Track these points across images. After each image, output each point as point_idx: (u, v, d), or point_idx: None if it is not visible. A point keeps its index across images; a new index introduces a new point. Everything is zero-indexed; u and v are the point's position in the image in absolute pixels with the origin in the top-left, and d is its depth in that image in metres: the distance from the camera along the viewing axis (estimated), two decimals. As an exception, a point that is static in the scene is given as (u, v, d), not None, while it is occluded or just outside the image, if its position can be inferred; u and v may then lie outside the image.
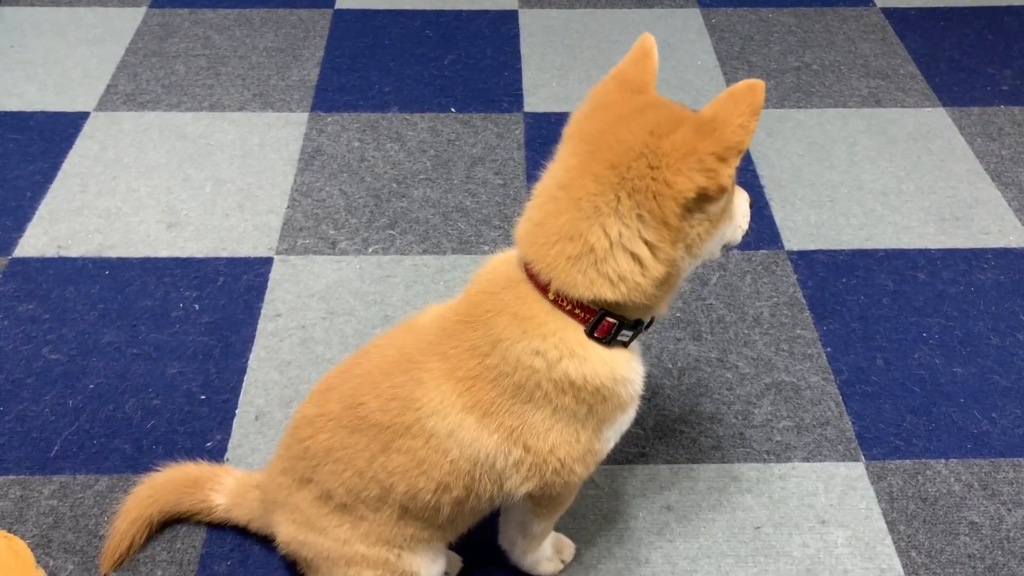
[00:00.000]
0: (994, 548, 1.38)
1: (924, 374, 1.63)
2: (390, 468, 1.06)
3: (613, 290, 0.94)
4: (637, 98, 0.96)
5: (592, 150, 0.94)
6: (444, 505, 1.08)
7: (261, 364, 1.61)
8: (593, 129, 0.95)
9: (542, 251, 0.96)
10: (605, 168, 0.92)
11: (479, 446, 1.02)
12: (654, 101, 0.96)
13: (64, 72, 2.30)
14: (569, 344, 0.98)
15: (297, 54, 2.39)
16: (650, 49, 1.00)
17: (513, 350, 0.99)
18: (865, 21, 2.58)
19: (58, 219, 1.90)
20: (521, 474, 1.05)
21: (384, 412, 1.05)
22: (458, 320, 1.04)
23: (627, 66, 1.00)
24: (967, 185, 2.04)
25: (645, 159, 0.90)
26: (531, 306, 0.99)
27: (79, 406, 1.54)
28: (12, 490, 1.42)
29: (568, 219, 0.94)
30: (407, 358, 1.06)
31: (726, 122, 0.88)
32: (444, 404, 1.02)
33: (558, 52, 2.43)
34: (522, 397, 1.00)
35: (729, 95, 0.89)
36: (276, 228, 1.89)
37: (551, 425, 1.01)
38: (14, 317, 1.69)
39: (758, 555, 1.36)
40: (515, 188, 1.99)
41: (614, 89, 0.98)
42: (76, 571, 1.33)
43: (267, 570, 1.33)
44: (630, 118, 0.93)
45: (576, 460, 1.05)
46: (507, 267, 1.03)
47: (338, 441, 1.09)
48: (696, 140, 0.89)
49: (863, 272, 1.82)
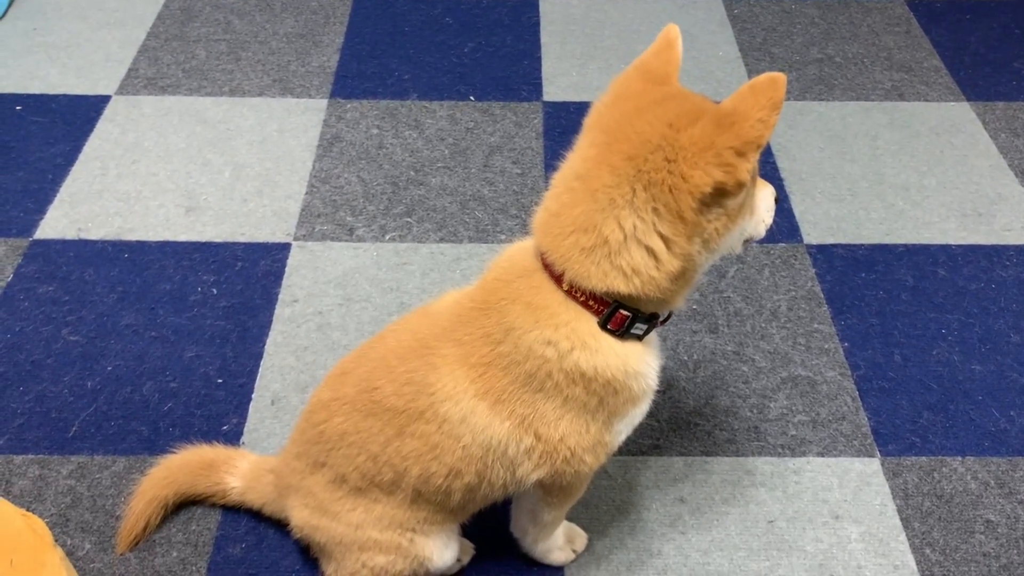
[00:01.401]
0: (1009, 547, 1.37)
1: (942, 371, 1.62)
2: (404, 453, 1.07)
3: (627, 283, 0.94)
4: (658, 89, 0.95)
5: (610, 141, 0.93)
6: (456, 491, 1.08)
7: (278, 349, 1.62)
8: (612, 120, 0.94)
9: (557, 241, 0.95)
10: (622, 160, 0.91)
11: (491, 432, 1.03)
12: (675, 93, 0.95)
13: (86, 55, 2.32)
14: (581, 335, 0.98)
15: (317, 40, 2.39)
16: (674, 40, 0.99)
17: (525, 339, 0.99)
18: (889, 13, 2.55)
19: (79, 202, 1.91)
20: (532, 462, 1.05)
21: (399, 396, 1.06)
22: (473, 307, 1.04)
23: (650, 57, 0.99)
24: (990, 181, 2.01)
25: (662, 151, 0.89)
26: (545, 296, 0.98)
27: (97, 387, 1.56)
28: (31, 469, 1.44)
29: (583, 210, 0.94)
30: (422, 343, 1.07)
31: (746, 116, 0.87)
32: (457, 390, 1.03)
33: (578, 41, 2.41)
34: (533, 386, 1.00)
35: (750, 88, 0.88)
36: (294, 214, 1.89)
37: (561, 415, 1.01)
38: (35, 299, 1.70)
39: (771, 549, 1.36)
40: (533, 177, 1.98)
41: (636, 80, 0.97)
42: (93, 550, 1.34)
43: (281, 553, 1.34)
44: (649, 110, 0.92)
45: (586, 450, 1.05)
46: (523, 256, 1.03)
47: (352, 425, 1.09)
48: (715, 134, 0.87)
49: (883, 267, 1.81)
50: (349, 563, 1.18)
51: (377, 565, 1.17)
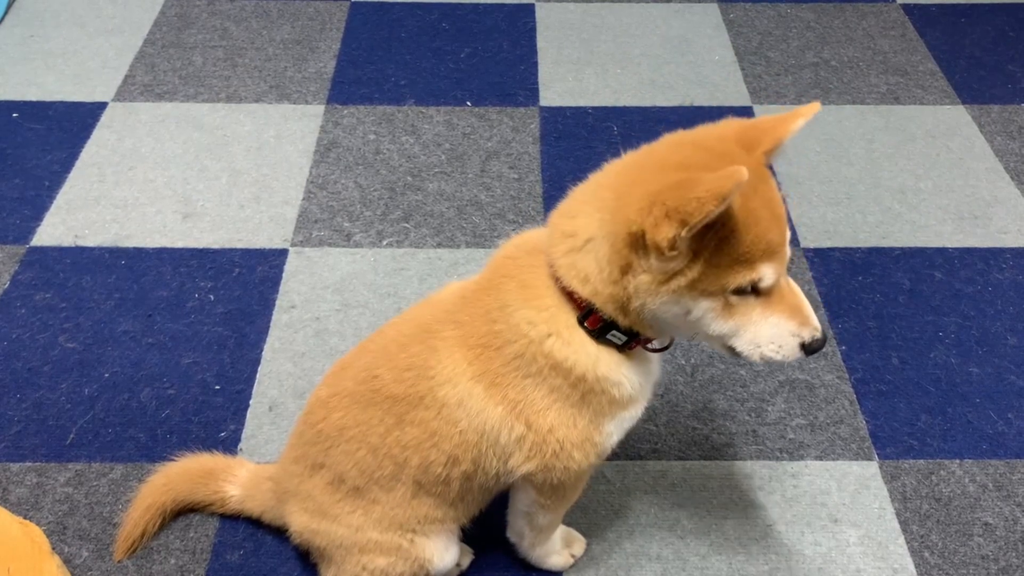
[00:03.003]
0: (1008, 550, 1.37)
1: (939, 374, 1.62)
2: (404, 442, 1.08)
3: (581, 285, 0.97)
4: (710, 147, 0.95)
5: (638, 158, 0.97)
6: (454, 480, 1.09)
7: (275, 355, 1.62)
8: (652, 158, 0.97)
9: (553, 221, 1.00)
10: (625, 170, 0.96)
11: (485, 417, 1.04)
12: (712, 149, 0.94)
13: (82, 62, 2.32)
14: (558, 324, 1.00)
15: (314, 46, 2.39)
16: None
17: (514, 317, 1.01)
18: (885, 17, 2.55)
19: (75, 209, 1.91)
20: (523, 453, 1.06)
21: (399, 383, 1.07)
22: (477, 288, 1.07)
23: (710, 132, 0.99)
24: (986, 184, 2.02)
25: (641, 185, 0.91)
26: (538, 277, 1.01)
27: (95, 395, 1.55)
28: (28, 477, 1.44)
29: (579, 198, 0.99)
30: (423, 328, 1.09)
31: (692, 188, 0.84)
32: (456, 372, 1.04)
33: (575, 46, 2.42)
34: (522, 371, 1.02)
35: (716, 172, 0.85)
36: (291, 220, 1.89)
37: (549, 404, 1.03)
38: (31, 306, 1.70)
39: (769, 553, 1.36)
40: (530, 182, 1.98)
41: (699, 139, 0.97)
42: (90, 558, 1.34)
43: (279, 560, 1.34)
44: (679, 150, 0.95)
45: (575, 445, 1.05)
46: (537, 237, 1.05)
47: (352, 418, 1.10)
48: (665, 187, 0.86)
49: (879, 270, 1.81)
50: (349, 566, 1.18)
51: (378, 568, 1.17)
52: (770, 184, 0.94)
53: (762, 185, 0.92)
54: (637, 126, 2.14)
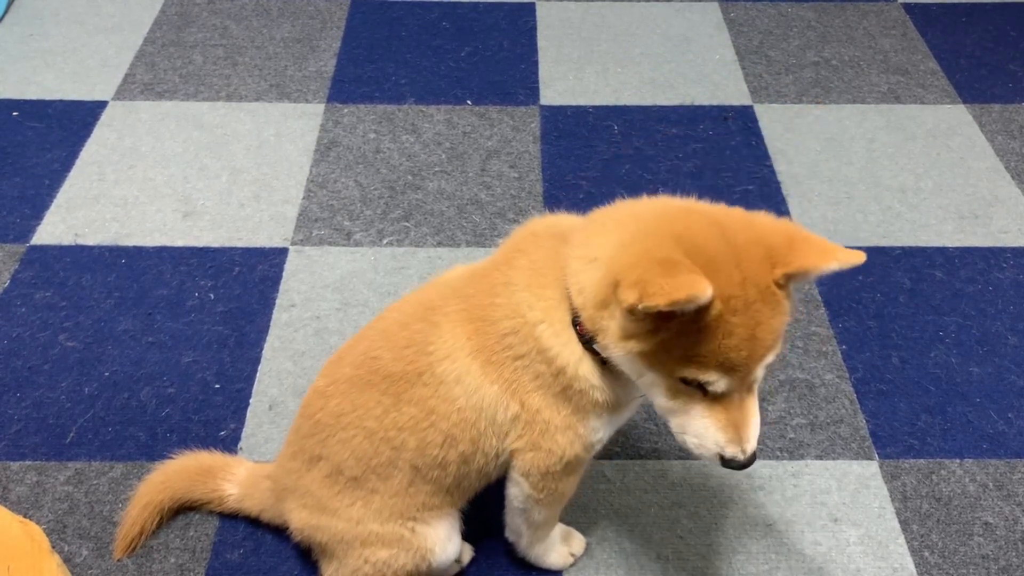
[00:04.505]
0: (1008, 549, 1.37)
1: (940, 373, 1.62)
2: (401, 423, 1.08)
3: (577, 295, 0.98)
4: (736, 244, 0.93)
5: (661, 219, 0.97)
6: (451, 462, 1.09)
7: (275, 354, 1.62)
8: (681, 222, 0.96)
9: (588, 221, 1.02)
10: (644, 231, 0.96)
11: (482, 394, 1.05)
12: (736, 247, 0.92)
13: (82, 61, 2.32)
14: (553, 315, 1.01)
15: (314, 45, 2.39)
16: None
17: (515, 296, 1.02)
18: (885, 16, 2.55)
19: (75, 207, 1.91)
20: (517, 431, 1.07)
21: (398, 361, 1.08)
22: (491, 261, 1.08)
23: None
24: (986, 183, 2.02)
25: (645, 244, 0.93)
26: (551, 265, 1.02)
27: (95, 393, 1.55)
28: (28, 476, 1.44)
29: (612, 218, 1.01)
30: (426, 306, 1.09)
31: (664, 275, 0.84)
32: (455, 348, 1.05)
33: (575, 45, 2.42)
34: (514, 350, 1.03)
35: (689, 279, 0.84)
36: (291, 219, 1.89)
37: (535, 388, 1.04)
38: (31, 304, 1.70)
39: (769, 552, 1.36)
40: (530, 181, 1.98)
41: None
42: (90, 556, 1.34)
43: (279, 558, 1.34)
44: (703, 230, 0.93)
45: (558, 428, 1.05)
46: (569, 225, 1.06)
47: (349, 403, 1.11)
48: (653, 260, 0.87)
49: (880, 270, 1.81)
50: (351, 560, 1.18)
51: (379, 560, 1.16)
52: (771, 308, 0.91)
53: (759, 305, 0.90)
54: (638, 125, 2.14)
